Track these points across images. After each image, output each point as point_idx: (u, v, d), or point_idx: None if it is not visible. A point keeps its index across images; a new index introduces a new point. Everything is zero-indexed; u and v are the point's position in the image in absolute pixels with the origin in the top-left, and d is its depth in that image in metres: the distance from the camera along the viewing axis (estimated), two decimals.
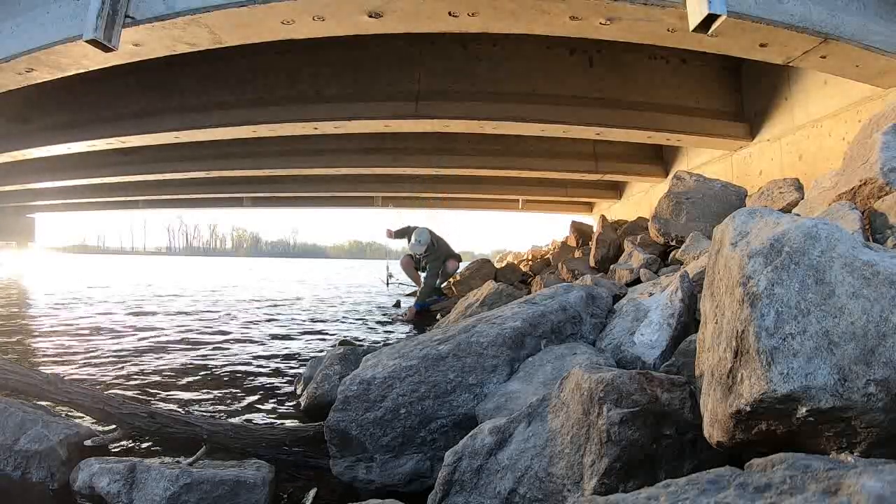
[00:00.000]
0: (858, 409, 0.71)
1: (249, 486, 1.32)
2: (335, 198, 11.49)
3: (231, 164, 8.01)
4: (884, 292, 0.74)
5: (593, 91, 5.51)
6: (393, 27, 3.18)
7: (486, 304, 3.42)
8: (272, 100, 5.61)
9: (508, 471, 1.07)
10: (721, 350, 0.89)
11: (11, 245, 16.15)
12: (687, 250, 2.90)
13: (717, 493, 0.63)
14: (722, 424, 0.85)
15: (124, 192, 10.77)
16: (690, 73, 5.75)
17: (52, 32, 3.22)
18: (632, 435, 0.95)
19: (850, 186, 1.73)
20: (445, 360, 1.55)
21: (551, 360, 1.54)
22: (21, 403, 1.67)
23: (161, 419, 1.64)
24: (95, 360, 2.99)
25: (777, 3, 2.94)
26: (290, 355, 3.35)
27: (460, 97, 5.30)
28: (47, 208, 14.38)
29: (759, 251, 0.87)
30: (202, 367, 2.92)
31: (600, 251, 4.48)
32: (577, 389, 1.06)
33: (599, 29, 3.14)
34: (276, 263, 42.38)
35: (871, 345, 0.72)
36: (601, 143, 7.37)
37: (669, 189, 3.73)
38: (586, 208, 11.90)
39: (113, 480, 1.31)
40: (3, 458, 1.47)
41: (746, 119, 5.74)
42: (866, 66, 3.47)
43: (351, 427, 1.46)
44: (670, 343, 1.49)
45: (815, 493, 0.56)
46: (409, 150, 7.55)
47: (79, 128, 6.36)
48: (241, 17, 2.96)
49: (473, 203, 12.12)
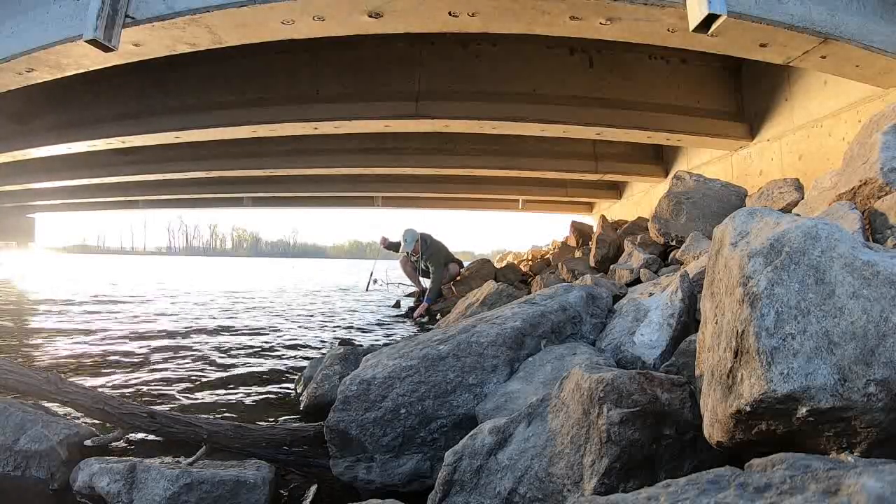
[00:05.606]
0: (858, 409, 0.71)
1: (249, 486, 1.32)
2: (335, 198, 11.50)
3: (231, 164, 8.02)
4: (884, 292, 0.74)
5: (593, 91, 5.51)
6: (393, 27, 3.18)
7: (487, 304, 3.43)
8: (272, 100, 5.61)
9: (508, 471, 1.07)
10: (721, 350, 0.89)
11: (11, 245, 16.17)
12: (687, 250, 2.90)
13: (717, 493, 0.63)
14: (722, 424, 0.85)
15: (124, 192, 10.78)
16: (690, 73, 5.75)
17: (52, 32, 3.22)
18: (632, 435, 0.95)
19: (851, 186, 1.73)
20: (445, 360, 1.55)
21: (551, 360, 1.53)
22: (21, 403, 1.67)
23: (161, 419, 1.64)
24: (96, 361, 2.99)
25: (777, 3, 2.94)
26: (290, 355, 3.35)
27: (460, 97, 5.30)
28: (47, 208, 14.39)
29: (760, 251, 0.87)
30: (202, 367, 2.92)
31: (600, 251, 4.49)
32: (577, 389, 1.06)
33: (599, 29, 3.14)
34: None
35: (871, 345, 0.72)
36: (601, 143, 7.38)
37: (669, 189, 3.73)
38: (586, 208, 11.91)
39: (113, 480, 1.30)
40: (3, 458, 1.47)
41: (746, 119, 5.75)
42: (866, 66, 3.48)
43: (351, 427, 1.45)
44: (670, 343, 1.49)
45: (815, 493, 0.56)
46: (409, 150, 7.55)
47: (79, 128, 6.37)
48: (241, 17, 2.96)
49: (473, 203, 12.13)
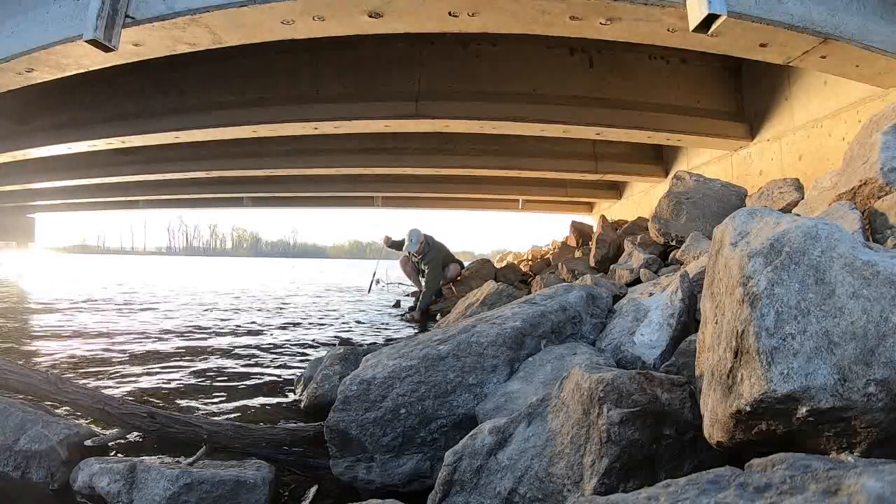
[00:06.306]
0: (858, 409, 0.71)
1: (249, 486, 1.32)
2: (335, 198, 11.50)
3: (231, 164, 8.02)
4: (884, 292, 0.74)
5: (593, 91, 5.51)
6: (393, 27, 3.18)
7: (487, 304, 3.42)
8: (272, 100, 5.61)
9: (508, 471, 1.07)
10: (721, 350, 0.89)
11: (11, 245, 16.19)
12: (687, 250, 2.90)
13: (717, 493, 0.63)
14: (722, 424, 0.85)
15: (124, 192, 10.79)
16: (690, 73, 5.75)
17: (53, 32, 3.22)
18: (632, 435, 0.95)
19: (851, 186, 1.73)
20: (445, 360, 1.55)
21: (551, 360, 1.53)
22: (21, 403, 1.67)
23: (161, 419, 1.64)
24: (96, 361, 2.99)
25: (777, 3, 2.94)
26: (290, 355, 3.34)
27: (460, 97, 5.30)
28: (47, 208, 14.40)
29: (760, 251, 0.87)
30: (202, 367, 2.92)
31: (600, 251, 4.49)
32: (577, 389, 1.06)
33: (599, 29, 3.14)
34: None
35: (871, 345, 0.72)
36: (601, 143, 7.38)
37: (669, 189, 3.73)
38: (586, 208, 11.91)
39: (113, 480, 1.30)
40: (3, 458, 1.47)
41: (746, 119, 5.74)
42: (866, 66, 3.48)
43: (351, 427, 1.45)
44: (670, 343, 1.49)
45: (815, 493, 0.56)
46: (409, 150, 7.55)
47: (79, 128, 6.37)
48: (241, 17, 2.96)
49: (473, 203, 12.13)
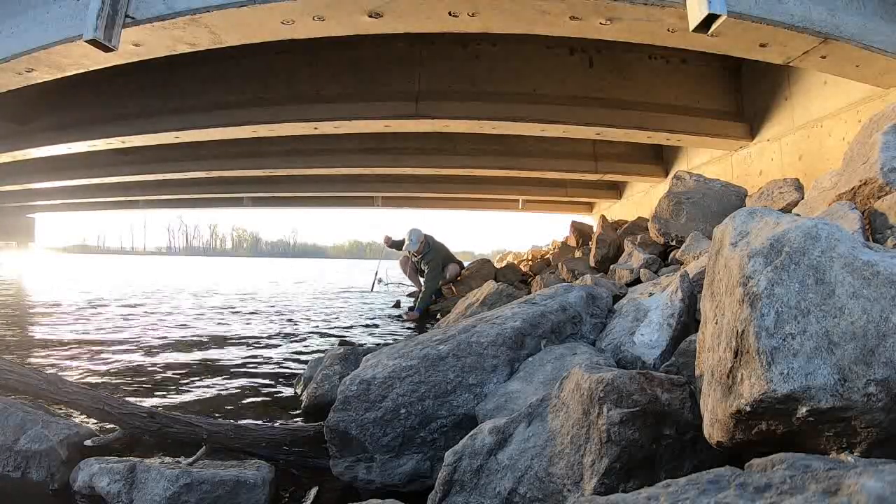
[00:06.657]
0: (858, 409, 0.71)
1: (249, 486, 1.32)
2: (335, 198, 11.50)
3: (231, 164, 8.03)
4: (884, 292, 0.74)
5: (593, 91, 5.51)
6: (393, 27, 3.18)
7: (487, 304, 3.42)
8: (272, 100, 5.62)
9: (508, 471, 1.07)
10: (721, 350, 0.89)
11: (11, 245, 16.20)
12: (687, 250, 2.90)
13: (717, 493, 0.63)
14: (722, 424, 0.85)
15: (124, 192, 10.79)
16: (690, 73, 5.75)
17: (52, 32, 3.22)
18: (632, 435, 0.95)
19: (851, 186, 1.73)
20: (445, 361, 1.55)
21: (551, 360, 1.54)
22: (21, 403, 1.67)
23: (161, 419, 1.64)
24: (96, 361, 2.99)
25: (777, 3, 2.95)
26: (290, 355, 3.34)
27: (460, 97, 5.31)
28: (47, 208, 14.41)
29: (760, 251, 0.87)
30: (202, 367, 2.92)
31: (600, 251, 4.49)
32: (577, 389, 1.06)
33: (599, 29, 3.14)
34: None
35: (871, 345, 0.72)
36: (601, 143, 7.38)
37: (669, 189, 3.73)
38: (586, 208, 11.91)
39: (113, 480, 1.30)
40: (3, 458, 1.47)
41: (746, 119, 5.75)
42: (866, 66, 3.48)
43: (351, 427, 1.45)
44: (670, 343, 1.49)
45: (815, 493, 0.56)
46: (409, 150, 7.55)
47: (79, 128, 6.37)
48: (241, 17, 2.96)
49: (473, 203, 12.13)
